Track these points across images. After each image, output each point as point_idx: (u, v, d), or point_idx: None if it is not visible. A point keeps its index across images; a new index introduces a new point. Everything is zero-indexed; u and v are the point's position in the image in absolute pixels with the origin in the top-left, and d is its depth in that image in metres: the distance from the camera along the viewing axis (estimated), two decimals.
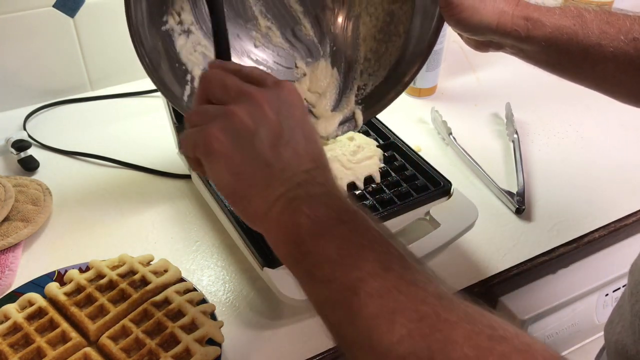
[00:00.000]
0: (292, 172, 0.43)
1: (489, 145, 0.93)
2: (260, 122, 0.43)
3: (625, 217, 0.79)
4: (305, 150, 0.44)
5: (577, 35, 0.59)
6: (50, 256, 0.72)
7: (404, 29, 0.68)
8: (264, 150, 0.42)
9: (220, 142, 0.42)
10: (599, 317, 0.87)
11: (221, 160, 0.43)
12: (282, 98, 0.44)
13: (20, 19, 0.93)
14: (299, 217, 0.40)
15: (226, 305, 0.66)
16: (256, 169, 0.42)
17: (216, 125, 0.43)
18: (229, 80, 0.45)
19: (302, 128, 0.45)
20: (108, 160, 0.87)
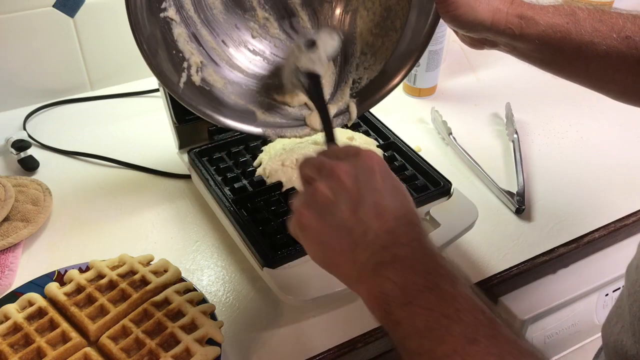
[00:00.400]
0: (374, 234, 0.44)
1: (489, 145, 0.93)
2: (339, 192, 0.46)
3: (625, 217, 0.79)
4: (387, 209, 0.45)
5: (570, 34, 0.60)
6: (50, 256, 0.72)
7: (401, 24, 0.68)
8: (345, 218, 0.45)
9: (306, 218, 0.47)
10: (599, 317, 0.87)
11: (309, 233, 0.47)
12: (360, 165, 0.47)
13: (20, 19, 0.93)
14: (386, 284, 0.42)
15: (226, 305, 0.66)
16: (340, 237, 0.45)
17: (304, 204, 0.47)
18: (316, 161, 0.50)
19: (383, 189, 0.46)
20: (108, 160, 0.87)
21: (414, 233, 0.45)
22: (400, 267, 0.42)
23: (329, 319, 0.65)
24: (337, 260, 0.46)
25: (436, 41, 0.98)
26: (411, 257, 0.43)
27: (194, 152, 0.78)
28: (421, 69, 1.01)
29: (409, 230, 0.45)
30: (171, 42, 0.60)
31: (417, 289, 0.41)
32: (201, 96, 0.62)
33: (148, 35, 0.56)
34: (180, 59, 0.61)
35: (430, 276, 0.41)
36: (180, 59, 0.61)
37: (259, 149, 0.81)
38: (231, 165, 0.78)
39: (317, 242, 0.47)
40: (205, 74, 0.63)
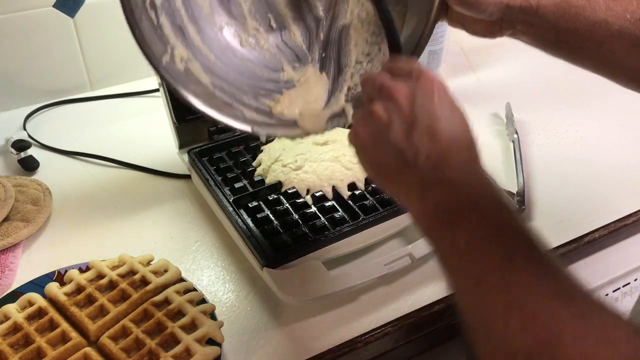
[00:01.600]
0: (424, 156, 0.45)
1: (489, 145, 0.93)
2: (394, 113, 0.47)
3: (625, 217, 0.79)
4: (442, 132, 0.46)
5: (585, 10, 0.60)
6: (50, 256, 0.72)
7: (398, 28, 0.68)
8: (398, 139, 0.46)
9: (361, 137, 0.48)
10: None
11: (363, 151, 0.49)
12: (420, 87, 0.48)
13: (20, 19, 0.93)
14: (429, 205, 0.44)
15: (226, 305, 0.66)
16: (392, 158, 0.46)
17: (360, 123, 0.49)
18: (377, 79, 0.50)
19: (441, 112, 0.47)
20: (108, 160, 0.87)
21: (468, 156, 0.46)
22: (446, 189, 0.44)
23: (329, 319, 0.65)
24: (388, 179, 0.48)
25: (436, 41, 0.98)
26: (458, 179, 0.44)
27: (194, 152, 0.78)
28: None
29: (462, 154, 0.46)
30: (157, 23, 0.57)
31: (460, 210, 0.43)
32: (186, 80, 0.59)
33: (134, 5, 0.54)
34: (165, 42, 0.58)
35: (475, 200, 0.43)
36: (164, 41, 0.58)
37: (259, 149, 0.81)
38: (231, 165, 0.78)
39: (370, 160, 0.49)
40: (190, 66, 0.60)
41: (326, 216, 0.70)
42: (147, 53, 0.56)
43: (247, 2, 0.67)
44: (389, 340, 0.65)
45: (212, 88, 0.62)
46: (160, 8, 0.58)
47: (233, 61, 0.66)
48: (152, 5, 0.57)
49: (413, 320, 0.65)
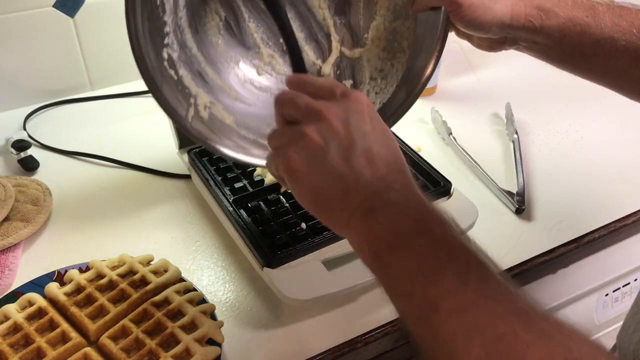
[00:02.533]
0: (366, 180, 0.44)
1: (489, 145, 0.93)
2: (330, 137, 0.45)
3: (625, 217, 0.79)
4: (378, 155, 0.45)
5: (590, 27, 0.59)
6: (50, 256, 0.72)
7: (408, 44, 0.66)
8: (336, 164, 0.44)
9: (296, 162, 0.45)
10: (599, 317, 0.88)
11: (300, 179, 0.45)
12: (351, 108, 0.46)
13: (20, 19, 0.93)
14: (377, 228, 0.42)
15: (226, 305, 0.66)
16: (332, 182, 0.44)
17: (292, 147, 0.45)
18: (299, 100, 0.47)
19: (374, 134, 0.45)
20: (108, 160, 0.87)
21: (404, 179, 0.45)
22: (392, 211, 0.42)
23: (329, 319, 0.65)
24: (328, 206, 0.45)
25: None
26: (403, 202, 0.43)
27: (194, 152, 0.78)
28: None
29: (399, 177, 0.45)
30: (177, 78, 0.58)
31: (409, 232, 0.41)
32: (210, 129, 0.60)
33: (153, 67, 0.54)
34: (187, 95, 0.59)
35: (422, 221, 0.41)
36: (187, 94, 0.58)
37: None
38: (231, 165, 0.78)
39: (307, 188, 0.45)
40: (214, 110, 0.61)
41: None
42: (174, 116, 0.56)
43: (259, 31, 0.67)
44: (389, 340, 0.65)
45: (237, 127, 0.62)
46: (177, 61, 0.58)
47: (253, 93, 0.66)
48: (171, 63, 0.57)
49: None
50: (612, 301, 0.88)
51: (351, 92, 0.47)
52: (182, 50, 0.58)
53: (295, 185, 0.46)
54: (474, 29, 0.60)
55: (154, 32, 0.54)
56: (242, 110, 0.64)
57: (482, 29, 0.59)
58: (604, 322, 0.88)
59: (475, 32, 0.60)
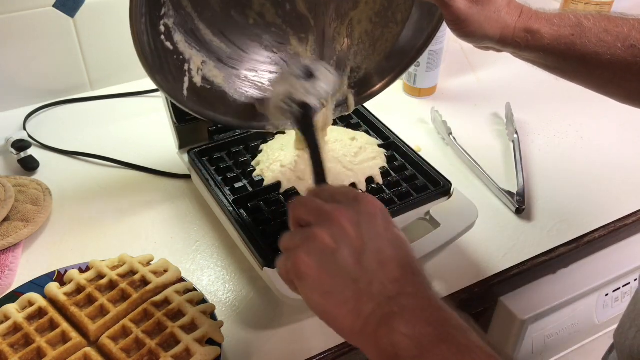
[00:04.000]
0: (380, 284, 0.42)
1: (489, 145, 0.93)
2: (341, 239, 0.44)
3: (625, 217, 0.79)
4: (391, 258, 0.44)
5: (575, 45, 0.61)
6: (50, 256, 0.72)
7: (402, 18, 0.68)
8: (348, 267, 0.43)
9: (307, 265, 0.44)
10: (599, 317, 0.87)
11: (311, 282, 0.44)
12: (362, 211, 0.45)
13: (20, 19, 0.93)
14: (396, 337, 0.40)
15: (226, 305, 0.66)
16: (344, 287, 0.43)
17: (303, 249, 0.44)
18: (312, 204, 0.47)
19: (386, 237, 0.45)
20: (108, 160, 0.87)
21: (420, 282, 0.43)
22: (410, 318, 0.40)
23: None
24: (339, 312, 0.43)
25: (436, 41, 0.98)
26: (420, 307, 0.41)
27: (194, 152, 0.78)
28: (421, 69, 1.01)
29: (414, 280, 0.43)
30: (172, 47, 0.59)
31: (430, 340, 0.39)
32: (204, 99, 0.62)
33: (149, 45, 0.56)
34: (181, 62, 0.61)
35: (442, 327, 0.40)
36: (181, 62, 0.61)
37: (259, 149, 0.81)
38: (231, 165, 0.78)
39: (318, 291, 0.44)
40: (206, 70, 0.63)
41: None
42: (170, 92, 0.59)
43: None
44: None
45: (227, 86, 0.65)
46: (172, 28, 0.59)
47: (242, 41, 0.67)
48: (167, 34, 0.59)
49: None
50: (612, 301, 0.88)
51: (364, 196, 0.47)
52: (177, 13, 0.60)
53: (305, 289, 0.44)
54: (464, 39, 0.63)
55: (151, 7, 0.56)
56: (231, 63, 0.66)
57: (472, 41, 0.63)
58: (604, 322, 0.88)
59: (468, 41, 0.63)
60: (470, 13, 0.59)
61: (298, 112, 0.59)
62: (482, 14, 0.60)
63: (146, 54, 0.55)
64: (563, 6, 1.22)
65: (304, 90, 0.59)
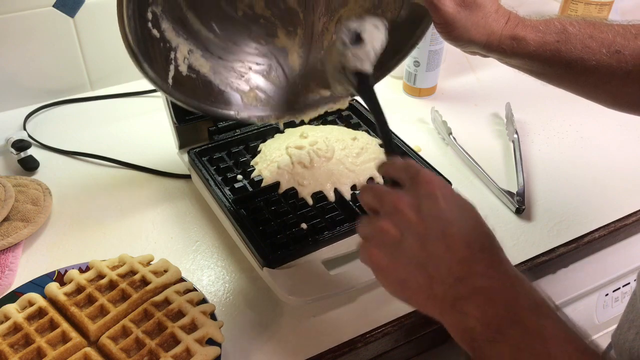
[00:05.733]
0: (446, 267, 0.43)
1: (489, 145, 0.93)
2: (405, 228, 0.45)
3: (625, 217, 0.79)
4: (456, 237, 0.44)
5: (560, 52, 0.61)
6: (50, 256, 0.72)
7: (391, 17, 0.69)
8: (415, 254, 0.44)
9: (378, 258, 0.46)
10: (599, 317, 0.87)
11: (384, 273, 0.46)
12: (422, 193, 0.46)
13: (20, 19, 0.93)
14: (469, 321, 0.41)
15: (226, 305, 0.66)
16: (415, 274, 0.44)
17: (373, 243, 0.47)
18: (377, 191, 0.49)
19: (450, 214, 0.45)
20: (108, 160, 0.87)
21: (489, 259, 0.44)
22: (480, 300, 0.41)
23: (329, 319, 0.65)
24: (418, 297, 0.45)
25: (436, 41, 0.98)
26: (489, 287, 0.42)
27: (194, 152, 0.78)
28: (421, 69, 1.01)
29: (484, 257, 0.44)
30: (159, 34, 0.59)
31: (501, 323, 0.40)
32: (189, 88, 0.63)
33: (136, 32, 0.56)
34: (168, 50, 0.61)
35: (513, 308, 0.41)
36: (167, 50, 0.61)
37: (258, 149, 0.81)
38: (231, 165, 0.78)
39: (394, 281, 0.46)
40: (192, 59, 0.63)
41: (326, 216, 0.70)
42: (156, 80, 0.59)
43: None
44: (389, 340, 0.65)
45: (212, 75, 0.65)
46: (160, 15, 0.59)
47: (230, 32, 0.67)
48: (154, 22, 0.58)
49: (413, 320, 0.65)
50: (612, 301, 0.88)
51: (422, 177, 0.47)
52: (165, 0, 0.59)
53: (382, 280, 0.47)
54: (451, 42, 0.64)
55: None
56: (218, 52, 0.66)
57: (458, 45, 0.64)
58: (604, 322, 0.88)
59: (451, 44, 0.64)
60: (458, 17, 0.60)
61: (355, 82, 0.58)
62: (469, 19, 0.61)
63: (132, 41, 0.55)
64: (563, 6, 1.22)
65: (355, 58, 0.58)
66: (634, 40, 0.60)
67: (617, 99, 0.64)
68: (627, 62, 0.60)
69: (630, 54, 0.60)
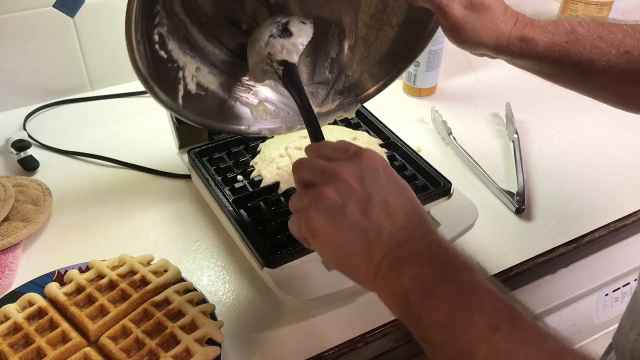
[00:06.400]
0: (387, 232, 0.44)
1: (489, 145, 0.93)
2: (347, 194, 0.46)
3: (625, 217, 0.79)
4: (396, 207, 0.45)
5: (569, 52, 0.61)
6: (50, 256, 0.72)
7: (397, 22, 0.69)
8: (356, 219, 0.45)
9: (317, 222, 0.46)
10: (599, 317, 0.88)
11: (323, 237, 0.46)
12: (364, 165, 0.47)
13: (20, 19, 0.93)
14: (404, 280, 0.42)
15: (226, 305, 0.66)
16: (354, 238, 0.45)
17: (312, 208, 0.46)
18: (315, 164, 0.49)
19: (390, 187, 0.47)
20: (108, 160, 0.87)
21: (425, 228, 0.45)
22: (417, 261, 0.42)
23: (329, 319, 0.65)
24: (353, 262, 0.45)
25: (436, 41, 0.98)
26: (427, 251, 0.43)
27: (194, 152, 0.78)
28: (421, 69, 1.01)
29: (420, 226, 0.45)
30: (166, 55, 0.59)
31: (436, 281, 0.41)
32: (199, 107, 0.63)
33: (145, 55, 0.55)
34: (176, 70, 0.61)
35: (447, 268, 0.42)
36: (175, 69, 0.61)
37: (258, 149, 0.81)
38: (231, 165, 0.78)
39: (331, 245, 0.46)
40: (200, 76, 0.63)
41: None
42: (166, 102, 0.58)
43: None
44: (389, 340, 0.65)
45: (221, 92, 0.65)
46: (167, 35, 0.59)
47: (236, 45, 0.67)
48: (161, 43, 0.58)
49: None
50: (612, 301, 0.88)
51: (364, 151, 0.48)
52: (170, 19, 0.60)
53: (319, 245, 0.47)
54: (459, 46, 0.63)
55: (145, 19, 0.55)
56: (224, 67, 0.66)
57: (467, 48, 0.63)
58: (604, 322, 0.88)
59: (459, 47, 0.64)
60: (466, 20, 0.60)
61: (281, 71, 0.59)
62: (477, 22, 0.60)
63: (141, 65, 0.54)
64: (563, 6, 1.22)
65: (282, 48, 0.60)
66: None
67: (627, 100, 0.64)
68: (636, 62, 0.60)
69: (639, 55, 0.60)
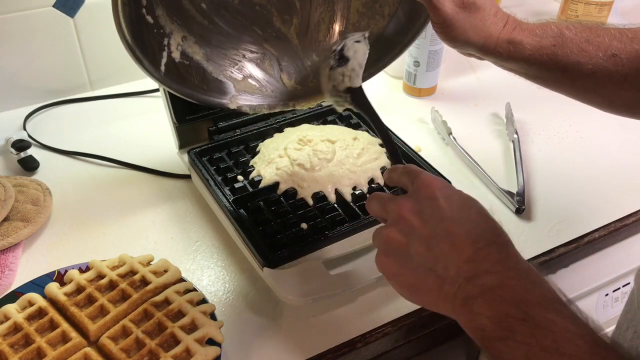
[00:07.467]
0: (455, 267, 0.44)
1: (489, 145, 0.93)
2: (409, 233, 0.46)
3: (625, 217, 0.79)
4: (460, 235, 0.45)
5: (556, 56, 0.61)
6: (50, 256, 0.72)
7: (389, 12, 0.69)
8: (422, 257, 0.45)
9: (387, 266, 0.48)
10: (599, 317, 0.87)
11: (396, 280, 0.48)
12: (422, 197, 0.48)
13: (20, 19, 0.93)
14: (480, 320, 0.42)
15: (226, 305, 0.66)
16: (424, 277, 0.45)
17: (381, 252, 0.49)
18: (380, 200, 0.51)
19: (451, 214, 0.46)
20: (108, 160, 0.87)
21: (497, 254, 0.44)
22: (490, 298, 0.42)
23: (329, 319, 0.65)
24: (430, 299, 0.46)
25: (436, 41, 0.98)
26: (498, 285, 0.42)
27: (194, 152, 0.78)
28: (421, 69, 1.01)
29: (490, 253, 0.44)
30: (153, 20, 0.59)
31: (511, 322, 0.40)
32: (182, 76, 0.63)
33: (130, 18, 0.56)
34: (161, 36, 0.61)
35: (522, 305, 0.41)
36: (160, 36, 0.61)
37: (257, 149, 0.80)
38: (231, 165, 0.78)
39: (406, 286, 0.47)
40: (186, 46, 0.63)
41: (326, 216, 0.70)
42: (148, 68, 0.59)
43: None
44: (389, 340, 0.65)
45: (206, 63, 0.65)
46: (155, 1, 0.59)
47: (225, 18, 0.67)
48: (149, 8, 0.58)
49: (413, 320, 0.65)
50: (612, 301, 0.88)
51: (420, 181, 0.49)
52: None
53: (396, 288, 0.48)
54: (447, 42, 0.64)
55: None
56: (211, 40, 0.66)
57: (455, 46, 0.64)
58: (604, 322, 0.88)
59: (447, 44, 0.64)
60: (456, 18, 0.60)
61: (349, 98, 0.61)
62: (467, 21, 0.61)
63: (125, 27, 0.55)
64: (563, 6, 1.22)
65: (343, 77, 0.60)
66: (630, 44, 0.60)
67: (614, 103, 0.64)
68: (623, 65, 0.60)
69: (626, 58, 0.60)
